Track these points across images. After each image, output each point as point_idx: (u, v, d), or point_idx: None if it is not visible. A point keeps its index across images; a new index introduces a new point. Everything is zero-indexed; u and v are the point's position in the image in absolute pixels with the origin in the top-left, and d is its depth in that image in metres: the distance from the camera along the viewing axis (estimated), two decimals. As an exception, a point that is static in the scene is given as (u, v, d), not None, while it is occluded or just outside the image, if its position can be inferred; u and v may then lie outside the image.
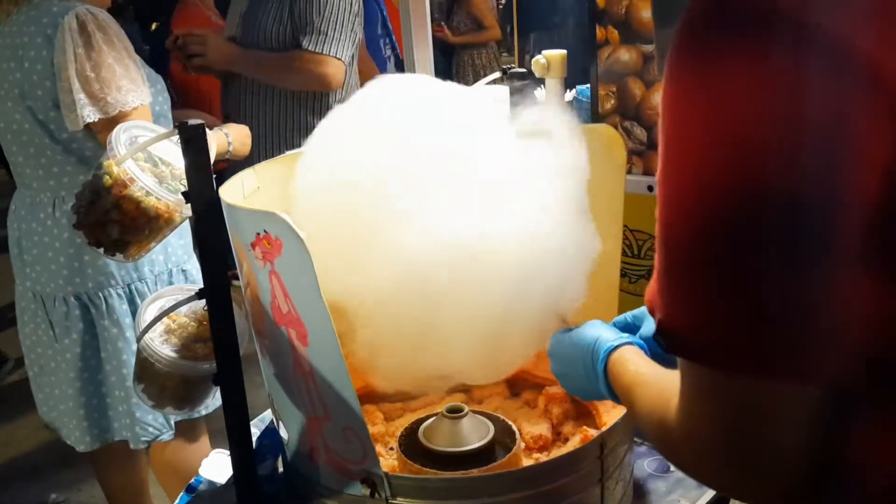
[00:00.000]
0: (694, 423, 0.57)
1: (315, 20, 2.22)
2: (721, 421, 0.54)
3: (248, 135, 1.84)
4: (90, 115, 1.56)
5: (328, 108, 2.36)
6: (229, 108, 2.42)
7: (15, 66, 1.62)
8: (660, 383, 0.59)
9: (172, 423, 1.84)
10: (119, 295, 1.74)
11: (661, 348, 0.55)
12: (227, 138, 1.74)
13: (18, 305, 1.85)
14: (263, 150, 2.30)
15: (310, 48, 2.22)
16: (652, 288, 0.55)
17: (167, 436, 1.83)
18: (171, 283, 1.78)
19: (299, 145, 1.14)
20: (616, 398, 0.86)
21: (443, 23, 4.89)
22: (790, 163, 0.46)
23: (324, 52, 2.23)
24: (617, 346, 0.86)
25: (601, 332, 0.91)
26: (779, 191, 0.46)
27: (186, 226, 1.37)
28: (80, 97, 1.55)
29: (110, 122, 1.54)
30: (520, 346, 1.06)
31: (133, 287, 1.75)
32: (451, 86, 1.13)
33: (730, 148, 0.47)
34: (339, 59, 2.26)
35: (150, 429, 1.80)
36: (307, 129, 2.30)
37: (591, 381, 0.90)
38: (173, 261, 1.80)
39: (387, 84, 1.11)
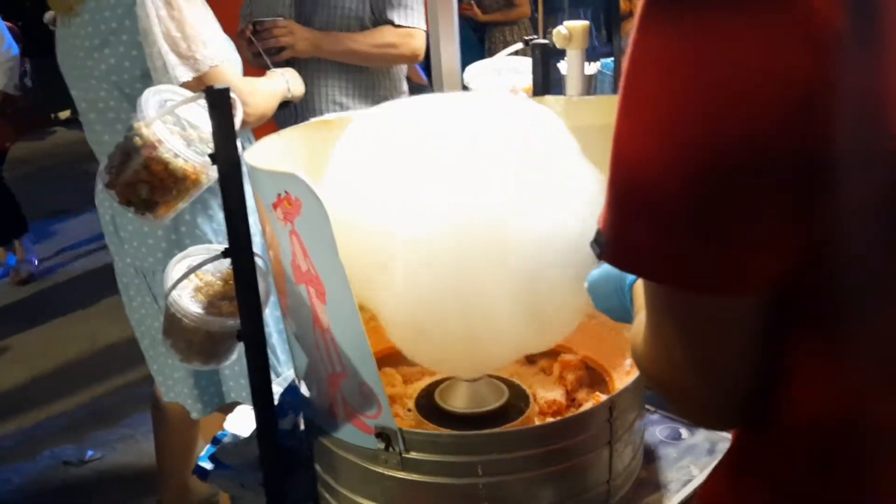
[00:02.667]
0: (646, 338, 0.61)
1: None
2: (661, 335, 0.58)
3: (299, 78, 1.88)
4: (183, 74, 1.54)
5: (394, 72, 2.34)
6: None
7: (99, 43, 1.59)
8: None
9: None
10: None
11: (596, 255, 0.57)
12: (285, 80, 1.78)
13: (120, 282, 1.86)
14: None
15: (399, 23, 2.18)
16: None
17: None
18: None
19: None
20: None
21: (472, 1, 4.89)
22: (762, 118, 0.47)
23: (412, 26, 2.20)
24: None
25: None
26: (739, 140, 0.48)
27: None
28: (171, 58, 1.53)
29: (202, 80, 1.54)
30: (570, 298, 1.07)
31: None
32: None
33: (702, 91, 0.48)
34: (424, 29, 2.23)
35: None
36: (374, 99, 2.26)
37: (627, 311, 0.92)
38: None
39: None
